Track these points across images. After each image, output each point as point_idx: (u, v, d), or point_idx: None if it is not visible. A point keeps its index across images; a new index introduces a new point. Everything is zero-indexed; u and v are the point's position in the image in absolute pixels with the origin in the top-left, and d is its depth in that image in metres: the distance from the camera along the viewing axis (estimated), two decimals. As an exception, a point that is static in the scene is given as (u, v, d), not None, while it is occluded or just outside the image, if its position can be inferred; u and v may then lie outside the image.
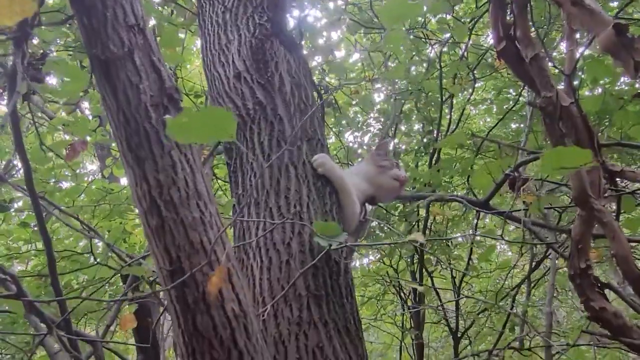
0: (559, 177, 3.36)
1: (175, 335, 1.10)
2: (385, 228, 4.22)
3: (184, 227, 1.07)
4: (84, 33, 1.14)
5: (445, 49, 4.22)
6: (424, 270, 4.47)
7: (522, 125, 4.45)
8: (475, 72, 4.14)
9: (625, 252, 1.54)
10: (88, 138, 3.45)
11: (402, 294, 4.78)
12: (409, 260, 4.62)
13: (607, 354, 3.94)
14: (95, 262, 3.32)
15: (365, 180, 2.01)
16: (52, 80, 3.28)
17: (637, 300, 1.92)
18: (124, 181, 4.37)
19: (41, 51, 2.77)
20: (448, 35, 4.10)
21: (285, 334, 1.51)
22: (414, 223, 4.40)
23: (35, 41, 2.77)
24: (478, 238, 4.88)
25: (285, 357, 1.48)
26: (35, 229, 3.33)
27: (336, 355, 1.51)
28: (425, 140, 4.52)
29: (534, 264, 4.41)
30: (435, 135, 4.21)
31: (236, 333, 1.06)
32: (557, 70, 2.81)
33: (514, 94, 4.58)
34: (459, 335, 4.42)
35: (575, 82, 3.41)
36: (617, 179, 2.05)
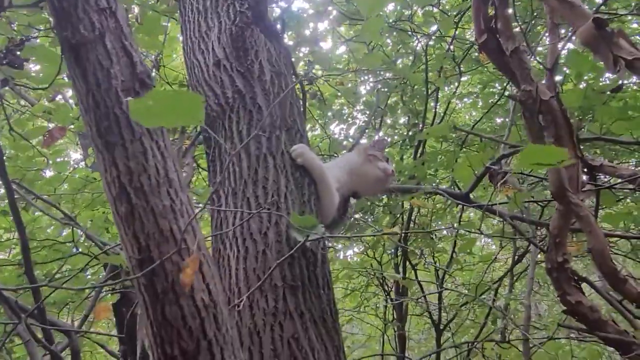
0: (541, 172, 3.37)
1: (144, 325, 1.09)
2: (369, 220, 4.23)
3: (154, 215, 1.05)
4: (54, 15, 1.12)
5: (431, 42, 4.21)
6: (407, 262, 4.48)
7: (507, 120, 4.45)
8: (461, 66, 4.15)
9: (601, 246, 1.55)
10: (71, 126, 3.41)
11: (385, 287, 4.79)
12: (392, 252, 4.62)
13: (585, 347, 3.98)
14: (77, 252, 3.29)
15: (348, 171, 1.98)
16: (35, 69, 3.24)
17: (614, 295, 1.93)
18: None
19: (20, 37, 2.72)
20: (434, 28, 4.10)
21: (260, 324, 1.50)
22: (398, 215, 4.40)
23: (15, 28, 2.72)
24: (462, 231, 4.90)
25: (260, 347, 1.47)
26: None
27: (312, 346, 1.50)
28: (410, 133, 4.51)
29: (516, 257, 4.43)
30: (420, 128, 4.21)
31: (205, 323, 1.05)
32: (541, 66, 2.81)
33: (499, 88, 4.58)
34: (441, 328, 4.43)
35: (559, 77, 3.43)
36: (597, 174, 2.06)
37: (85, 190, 3.53)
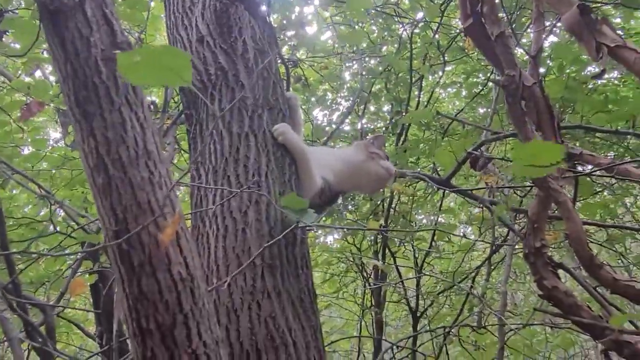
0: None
1: (120, 299, 1.07)
2: (349, 207, 4.23)
3: (132, 186, 1.03)
4: (32, -20, 1.09)
5: (417, 30, 4.21)
6: (387, 249, 4.50)
7: (489, 110, 4.48)
8: (445, 55, 4.15)
9: (579, 233, 1.56)
10: (51, 104, 3.36)
11: (364, 273, 4.81)
12: (372, 239, 4.64)
13: (559, 335, 4.05)
14: (54, 231, 3.24)
15: (347, 166, 1.96)
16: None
17: (590, 281, 1.96)
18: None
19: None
20: (420, 15, 4.10)
21: (238, 303, 1.49)
22: (378, 202, 4.41)
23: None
24: (442, 220, 4.94)
25: (238, 326, 1.46)
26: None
27: (289, 326, 1.50)
28: (393, 120, 4.52)
29: (494, 247, 4.47)
30: (403, 115, 4.21)
31: (182, 297, 1.04)
32: (525, 57, 2.82)
33: (483, 78, 4.60)
34: (418, 315, 4.47)
35: (542, 70, 3.46)
36: (577, 162, 2.08)
37: (65, 168, 3.48)
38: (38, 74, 4.24)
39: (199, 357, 1.03)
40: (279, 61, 2.39)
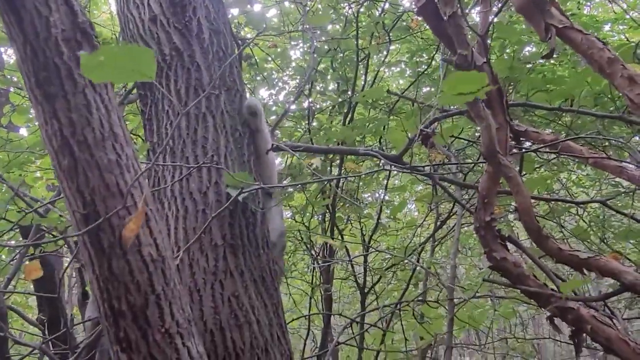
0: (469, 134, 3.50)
1: (90, 281, 1.07)
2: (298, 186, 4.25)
3: (99, 169, 1.03)
4: (-15, -44, 1.05)
5: (362, 10, 4.23)
6: (335, 227, 4.56)
7: (432, 89, 4.57)
8: (390, 34, 4.20)
9: (527, 206, 1.64)
10: (-19, 85, 3.21)
11: (313, 251, 4.86)
12: (320, 218, 4.69)
13: (501, 305, 4.22)
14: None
15: None
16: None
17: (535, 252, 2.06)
18: (23, 131, 4.13)
19: None
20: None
21: (200, 283, 1.50)
22: (326, 182, 4.44)
23: None
24: (387, 197, 5.03)
25: (201, 305, 1.48)
26: None
27: (251, 304, 1.52)
28: (340, 99, 4.55)
29: (439, 222, 4.61)
30: (350, 94, 4.25)
31: (153, 277, 1.04)
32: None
33: (427, 58, 4.68)
34: (366, 291, 4.56)
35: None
36: (522, 139, 2.17)
37: (1, 152, 3.35)
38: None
39: (172, 336, 1.04)
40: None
